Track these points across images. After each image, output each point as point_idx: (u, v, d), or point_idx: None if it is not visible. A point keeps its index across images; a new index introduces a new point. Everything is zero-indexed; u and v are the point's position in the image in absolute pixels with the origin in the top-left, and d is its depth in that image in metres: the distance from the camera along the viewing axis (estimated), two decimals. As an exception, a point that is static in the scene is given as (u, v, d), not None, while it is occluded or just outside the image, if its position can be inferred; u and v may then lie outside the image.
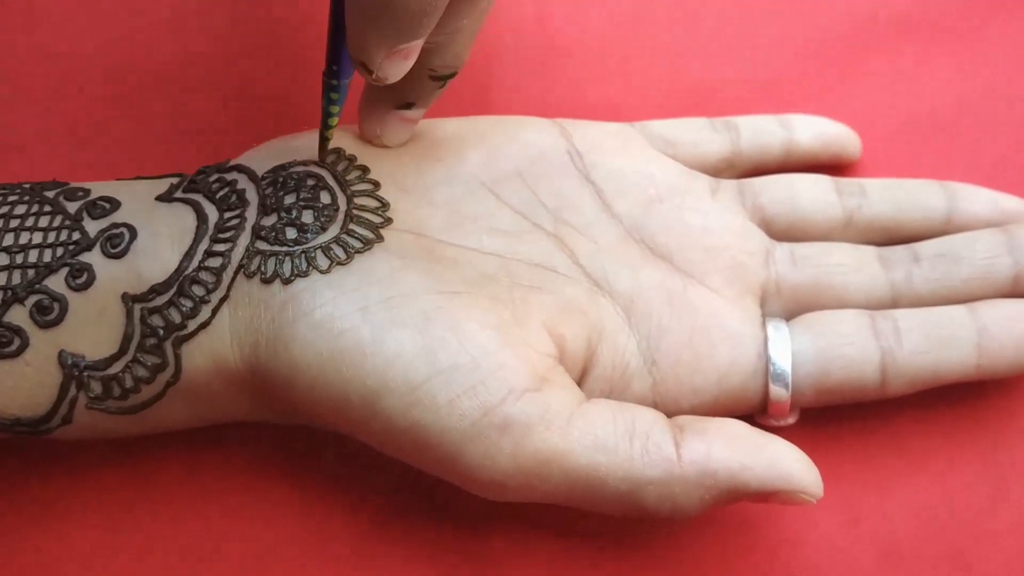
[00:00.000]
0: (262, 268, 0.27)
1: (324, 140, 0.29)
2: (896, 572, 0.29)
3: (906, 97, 0.37)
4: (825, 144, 0.34)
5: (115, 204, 0.28)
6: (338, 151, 0.29)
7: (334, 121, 0.28)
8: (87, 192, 0.28)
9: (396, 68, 0.26)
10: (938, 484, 0.30)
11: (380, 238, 0.28)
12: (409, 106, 0.30)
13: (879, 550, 0.29)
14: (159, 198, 0.28)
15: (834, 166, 0.35)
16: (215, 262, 0.27)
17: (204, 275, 0.27)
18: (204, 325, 0.27)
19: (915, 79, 0.37)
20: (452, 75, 0.29)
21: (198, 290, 0.27)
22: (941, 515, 0.29)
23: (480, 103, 0.36)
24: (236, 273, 0.27)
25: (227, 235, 0.27)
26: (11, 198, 0.28)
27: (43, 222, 0.27)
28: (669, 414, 0.28)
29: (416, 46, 0.26)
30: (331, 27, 0.26)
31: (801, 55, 0.38)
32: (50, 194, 0.28)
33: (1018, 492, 0.30)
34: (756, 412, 0.30)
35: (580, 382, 0.29)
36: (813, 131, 0.34)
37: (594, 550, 0.29)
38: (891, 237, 0.32)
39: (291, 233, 0.27)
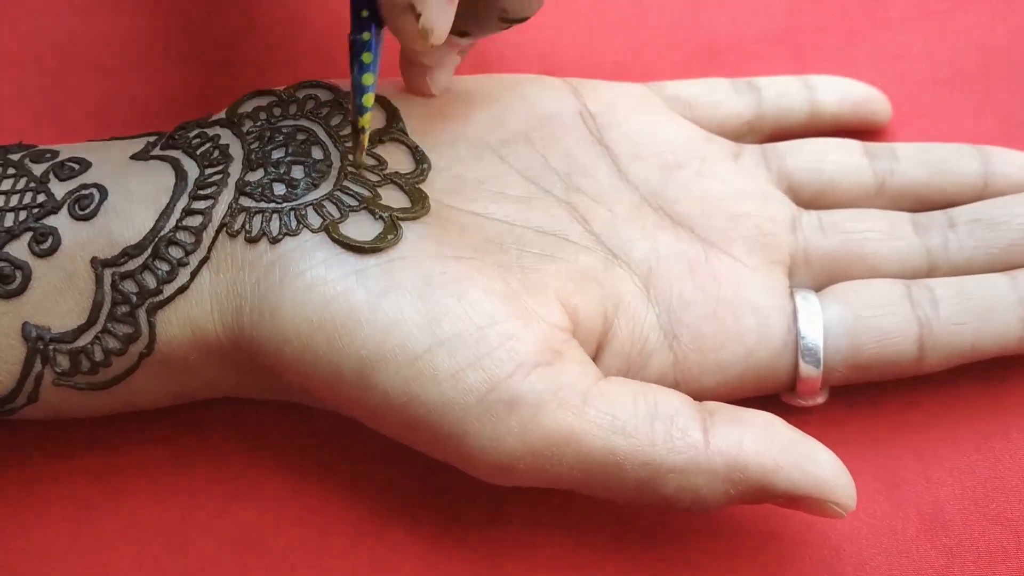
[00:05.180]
0: (247, 226, 0.25)
1: (359, 131, 0.24)
2: (940, 539, 0.27)
3: (929, 47, 0.35)
4: (853, 107, 0.33)
5: (85, 164, 0.26)
6: (331, 103, 0.27)
7: (369, 100, 0.23)
8: (55, 154, 0.27)
9: (444, 11, 0.23)
10: (982, 447, 0.28)
11: (378, 196, 0.26)
12: (464, 34, 0.26)
13: (921, 516, 0.27)
14: (134, 157, 0.27)
15: (861, 130, 0.33)
16: (194, 221, 0.25)
17: (182, 235, 0.25)
18: (182, 290, 0.25)
19: (939, 28, 0.36)
20: (524, 19, 0.26)
21: (175, 252, 0.25)
22: (986, 479, 0.28)
23: (478, 63, 0.34)
24: (218, 232, 0.25)
25: (208, 191, 0.25)
26: None
27: (5, 185, 0.26)
28: (692, 392, 0.26)
29: None
30: None
31: (818, 6, 0.36)
32: (14, 157, 0.26)
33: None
34: (783, 390, 0.28)
35: (595, 358, 0.27)
36: (840, 93, 0.33)
37: (601, 545, 0.27)
38: (924, 203, 0.30)
39: (279, 189, 0.26)
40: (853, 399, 0.29)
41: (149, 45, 0.36)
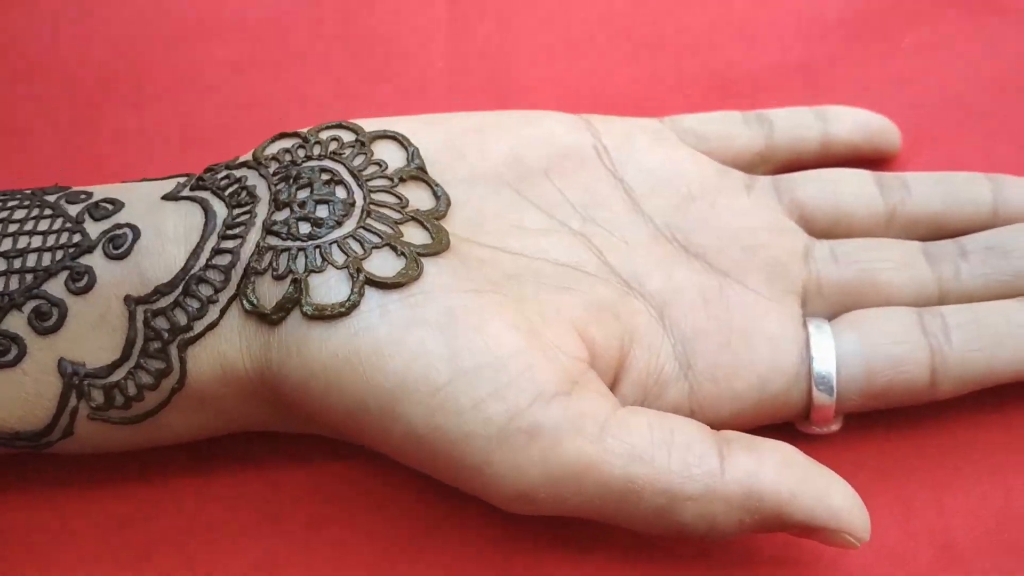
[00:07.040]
0: (274, 264, 0.25)
1: None
2: (952, 570, 0.27)
3: (943, 74, 0.35)
4: (864, 137, 0.33)
5: (118, 205, 0.27)
6: (353, 144, 0.28)
7: None
8: (89, 195, 0.27)
9: None
10: (996, 476, 0.28)
11: (400, 233, 0.26)
12: None
13: (934, 547, 0.27)
14: (165, 197, 0.27)
15: (873, 160, 0.33)
16: (223, 259, 0.26)
17: (212, 273, 0.25)
18: (212, 326, 0.25)
19: (952, 54, 0.36)
20: None
21: (205, 289, 0.25)
22: (999, 509, 0.28)
23: (497, 95, 0.35)
24: (246, 270, 0.26)
25: (236, 231, 0.26)
26: (11, 203, 0.27)
27: (43, 225, 0.26)
28: (707, 421, 0.26)
29: None
30: None
31: (832, 34, 0.36)
32: (51, 198, 0.27)
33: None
34: (798, 419, 0.28)
35: (612, 388, 0.27)
36: (851, 123, 0.33)
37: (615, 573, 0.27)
38: (936, 232, 0.31)
39: (304, 228, 0.26)
40: (866, 428, 0.29)
41: (173, 85, 0.37)
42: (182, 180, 0.28)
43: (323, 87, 0.36)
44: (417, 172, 0.28)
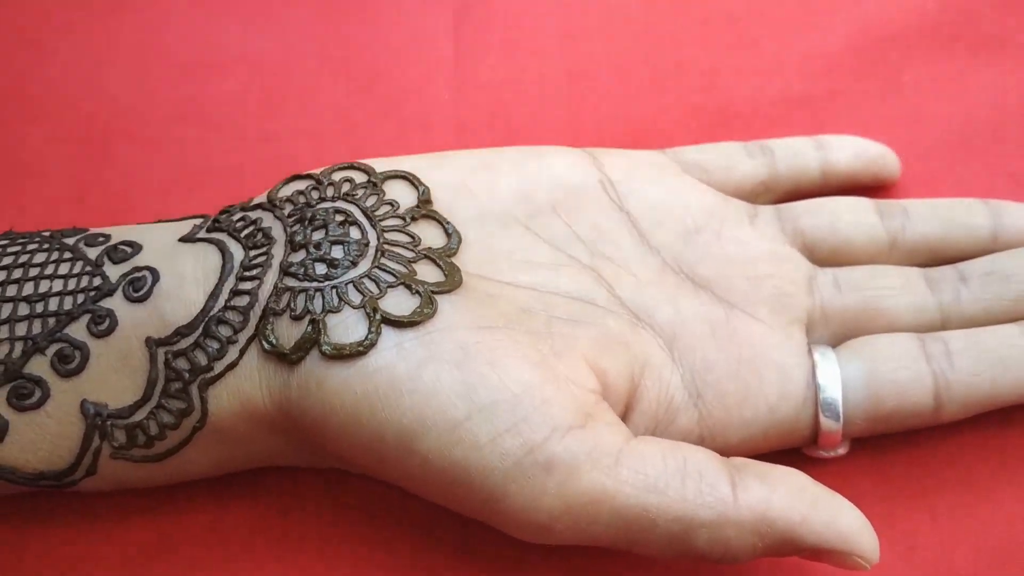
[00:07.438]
0: (291, 305, 0.26)
1: None
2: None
3: (943, 109, 0.36)
4: (864, 165, 0.34)
5: (136, 248, 0.27)
6: (365, 184, 0.29)
7: None
8: (108, 237, 0.28)
9: None
10: (998, 511, 0.28)
11: (413, 272, 0.27)
12: None
13: None
14: (182, 239, 0.28)
15: (873, 187, 0.34)
16: (242, 301, 0.26)
17: (231, 315, 0.26)
18: (231, 366, 0.26)
19: (951, 90, 0.36)
20: None
21: (225, 330, 0.26)
22: (1001, 544, 0.28)
23: (502, 130, 0.35)
24: (264, 311, 0.26)
25: (254, 272, 0.27)
26: (30, 247, 0.28)
27: (63, 269, 0.27)
28: (717, 449, 0.27)
29: None
30: None
31: (833, 69, 0.37)
32: (70, 241, 0.28)
33: (1083, 518, 0.28)
34: (805, 444, 0.29)
35: (624, 418, 0.27)
36: (851, 152, 0.34)
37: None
38: (936, 258, 0.31)
39: (321, 268, 0.26)
40: (868, 458, 0.29)
41: (180, 122, 0.37)
42: (198, 222, 0.28)
43: (330, 122, 0.37)
44: (428, 211, 0.28)
